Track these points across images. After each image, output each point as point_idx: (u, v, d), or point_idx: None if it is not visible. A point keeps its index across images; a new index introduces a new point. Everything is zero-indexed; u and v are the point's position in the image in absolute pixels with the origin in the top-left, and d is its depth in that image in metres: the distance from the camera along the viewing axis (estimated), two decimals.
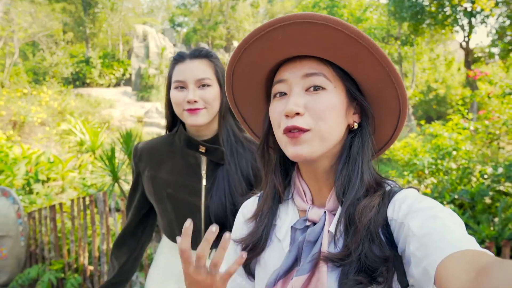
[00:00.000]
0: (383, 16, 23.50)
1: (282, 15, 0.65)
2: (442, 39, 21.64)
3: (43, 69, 19.16)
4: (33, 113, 14.25)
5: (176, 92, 1.27)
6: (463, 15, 15.17)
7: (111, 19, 22.64)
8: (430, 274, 0.53)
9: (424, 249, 0.56)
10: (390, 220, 0.66)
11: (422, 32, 16.45)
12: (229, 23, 31.06)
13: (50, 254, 3.71)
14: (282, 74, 0.72)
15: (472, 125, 5.92)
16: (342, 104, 0.70)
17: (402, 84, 0.70)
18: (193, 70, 1.26)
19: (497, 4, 12.97)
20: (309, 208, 0.75)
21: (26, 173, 6.78)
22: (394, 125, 0.77)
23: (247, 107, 0.84)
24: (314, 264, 0.68)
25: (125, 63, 21.85)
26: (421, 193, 0.68)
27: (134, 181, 1.43)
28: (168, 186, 1.32)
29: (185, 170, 1.33)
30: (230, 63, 0.75)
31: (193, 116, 1.25)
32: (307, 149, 0.68)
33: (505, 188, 4.19)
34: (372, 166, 0.74)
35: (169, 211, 1.33)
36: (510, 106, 5.10)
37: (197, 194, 1.31)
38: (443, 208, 0.62)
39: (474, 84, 13.44)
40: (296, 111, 0.67)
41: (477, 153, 5.73)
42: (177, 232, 1.32)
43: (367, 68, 0.69)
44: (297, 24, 0.64)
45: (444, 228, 0.56)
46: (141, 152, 1.39)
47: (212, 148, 1.31)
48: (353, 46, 0.65)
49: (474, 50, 17.07)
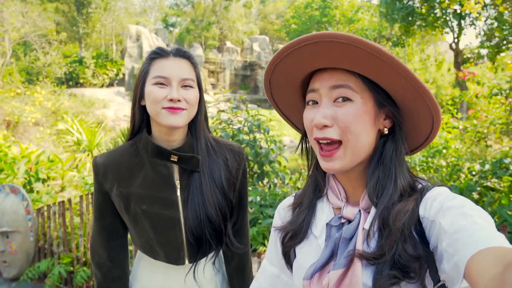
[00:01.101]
0: (374, 17, 23.80)
1: (307, 34, 0.69)
2: (432, 40, 22.03)
3: (36, 69, 19.10)
4: (27, 113, 14.25)
5: (156, 88, 1.14)
6: (452, 17, 15.50)
7: (105, 19, 22.64)
8: (460, 269, 0.55)
9: (455, 245, 0.58)
10: (422, 218, 0.69)
11: (413, 33, 16.74)
12: (222, 23, 31.18)
13: (59, 248, 3.84)
14: (314, 84, 0.75)
15: (461, 124, 6.15)
16: (369, 113, 0.72)
17: (430, 95, 0.70)
18: (178, 68, 1.17)
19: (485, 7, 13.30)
20: (344, 206, 0.78)
21: (26, 172, 6.88)
22: (428, 129, 0.77)
23: (289, 109, 0.88)
24: (350, 260, 0.71)
25: (118, 63, 21.85)
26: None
27: (98, 201, 1.27)
28: (142, 203, 1.20)
29: (157, 182, 1.21)
30: (265, 74, 0.80)
31: (173, 116, 1.13)
32: (338, 165, 0.73)
33: (492, 184, 4.40)
34: (407, 168, 0.76)
35: (147, 230, 1.21)
36: (497, 106, 5.33)
37: (173, 206, 1.22)
38: (473, 206, 0.64)
39: (464, 85, 13.77)
40: (324, 124, 0.71)
41: (466, 151, 5.96)
42: (158, 249, 1.24)
43: (392, 81, 0.70)
44: (321, 43, 0.68)
45: (474, 225, 0.59)
46: (105, 168, 1.22)
47: (186, 157, 1.21)
48: (376, 62, 0.67)
49: (463, 51, 17.42)
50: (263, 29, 37.14)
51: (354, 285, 0.69)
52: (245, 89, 26.94)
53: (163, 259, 1.24)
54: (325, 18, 28.82)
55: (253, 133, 4.46)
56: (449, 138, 6.04)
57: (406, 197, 0.72)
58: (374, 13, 25.73)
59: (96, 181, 1.25)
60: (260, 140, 4.50)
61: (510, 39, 13.72)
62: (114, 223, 1.28)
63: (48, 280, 3.60)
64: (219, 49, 29.55)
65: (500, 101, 5.33)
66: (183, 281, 1.27)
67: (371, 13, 27.48)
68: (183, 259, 1.25)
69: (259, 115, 4.64)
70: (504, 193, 4.09)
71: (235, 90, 25.67)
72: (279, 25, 36.18)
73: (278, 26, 35.89)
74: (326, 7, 28.96)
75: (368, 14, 28.34)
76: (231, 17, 31.13)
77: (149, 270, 1.31)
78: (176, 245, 1.23)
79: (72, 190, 6.85)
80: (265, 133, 4.45)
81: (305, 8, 30.23)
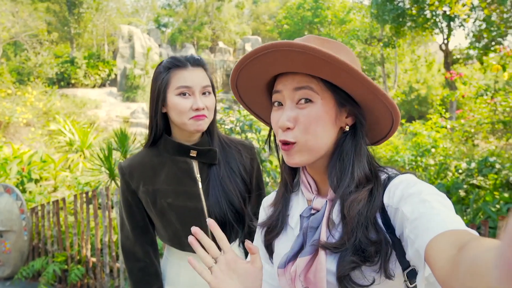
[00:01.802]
0: (366, 18, 23.98)
1: (267, 43, 0.72)
2: (423, 41, 22.27)
3: (27, 69, 18.96)
4: (18, 114, 14.16)
5: (180, 99, 1.23)
6: (442, 18, 15.69)
7: (96, 19, 22.53)
8: (420, 254, 0.58)
9: (415, 232, 0.61)
10: (386, 206, 0.72)
11: (404, 34, 16.90)
12: (214, 24, 31.18)
13: (53, 247, 3.89)
14: (277, 85, 0.79)
15: (449, 124, 6.28)
16: (330, 113, 0.77)
17: (387, 97, 0.74)
18: (197, 77, 1.25)
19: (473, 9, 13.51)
20: (314, 198, 0.82)
21: (18, 172, 6.87)
22: (389, 125, 0.82)
23: (259, 108, 0.93)
24: (316, 248, 0.74)
25: (110, 64, 21.75)
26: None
27: (127, 201, 1.36)
28: (167, 197, 1.30)
29: (180, 177, 1.32)
30: (231, 80, 0.84)
31: (198, 122, 1.25)
32: (298, 159, 0.77)
33: (478, 182, 4.52)
34: (369, 160, 0.80)
35: (174, 221, 1.31)
36: (483, 106, 5.46)
37: (196, 198, 1.31)
38: (432, 191, 0.67)
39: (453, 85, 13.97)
40: (287, 126, 0.75)
41: (454, 150, 6.09)
42: (185, 239, 1.30)
43: (349, 85, 0.75)
44: (280, 51, 0.71)
45: (432, 211, 0.61)
46: (130, 169, 1.34)
47: (204, 151, 1.32)
48: (331, 68, 0.71)
49: (453, 52, 17.65)
50: (256, 29, 37.21)
51: (319, 271, 0.73)
52: None
53: (191, 249, 1.32)
54: (317, 18, 28.98)
55: (245, 132, 4.52)
56: (437, 137, 6.18)
57: (361, 187, 0.75)
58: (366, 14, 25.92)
59: (123, 183, 1.35)
60: (252, 140, 4.57)
61: (498, 40, 13.95)
62: (144, 219, 1.38)
63: (42, 278, 3.64)
64: (211, 49, 29.55)
65: (486, 101, 5.46)
66: None
67: (363, 14, 27.68)
68: None
69: (251, 115, 4.71)
70: (489, 190, 4.21)
71: (227, 91, 25.72)
72: (271, 25, 36.28)
73: (271, 27, 35.99)
74: (318, 8, 29.12)
75: (360, 15, 28.51)
76: (223, 17, 31.15)
77: (177, 266, 1.38)
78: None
79: (65, 190, 6.86)
80: (257, 132, 4.52)
81: (297, 8, 30.37)
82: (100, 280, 3.58)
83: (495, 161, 4.54)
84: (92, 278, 3.64)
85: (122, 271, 3.42)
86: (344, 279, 0.70)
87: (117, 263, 3.50)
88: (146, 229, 1.39)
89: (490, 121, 5.34)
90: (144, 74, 21.75)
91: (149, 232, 1.41)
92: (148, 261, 1.40)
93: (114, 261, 3.49)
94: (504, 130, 5.46)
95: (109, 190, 3.45)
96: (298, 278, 0.75)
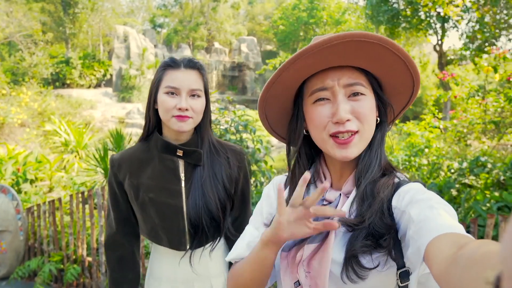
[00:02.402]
0: (361, 19, 24.10)
1: (336, 34, 0.73)
2: (417, 42, 22.40)
3: (22, 69, 18.87)
4: (13, 114, 14.11)
5: (167, 97, 1.29)
6: (436, 20, 15.83)
7: (92, 20, 22.49)
8: (421, 252, 0.62)
9: (420, 232, 0.64)
10: (394, 208, 0.76)
11: (398, 35, 17.02)
12: (210, 24, 31.21)
13: (49, 247, 3.90)
14: (325, 82, 0.80)
15: (442, 124, 6.36)
16: (374, 105, 0.83)
17: (419, 88, 0.84)
18: (187, 79, 1.30)
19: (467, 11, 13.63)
20: (328, 190, 0.85)
21: (13, 173, 6.87)
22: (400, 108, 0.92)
23: (275, 111, 0.93)
24: (324, 236, 0.77)
25: (105, 64, 21.72)
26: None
27: (113, 192, 1.43)
28: (149, 191, 1.35)
29: (164, 174, 1.36)
30: (279, 70, 0.81)
31: (180, 123, 1.29)
32: (356, 152, 0.80)
33: (470, 181, 4.59)
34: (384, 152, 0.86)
35: (153, 216, 1.35)
36: (474, 106, 5.54)
37: (178, 196, 1.35)
38: (440, 201, 0.71)
39: (447, 85, 14.08)
40: (347, 118, 0.77)
41: (447, 150, 6.16)
42: (162, 235, 1.36)
43: (399, 75, 0.82)
44: (354, 42, 0.74)
45: (437, 216, 0.65)
46: (119, 162, 1.40)
47: (189, 151, 1.35)
48: (392, 58, 0.77)
49: (447, 52, 17.79)
50: (251, 30, 37.27)
51: (325, 259, 0.74)
52: (233, 90, 27.03)
53: (166, 244, 1.37)
54: (313, 19, 29.09)
55: (240, 133, 4.57)
56: (430, 137, 6.25)
57: (388, 173, 0.83)
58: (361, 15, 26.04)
59: (111, 174, 1.41)
60: (247, 140, 4.61)
61: (491, 41, 14.09)
62: (128, 210, 1.44)
63: (38, 278, 3.66)
64: (207, 50, 29.57)
65: (478, 101, 5.53)
66: (191, 270, 1.38)
67: (358, 15, 27.80)
68: (184, 245, 1.37)
69: (246, 115, 4.75)
70: (480, 189, 4.28)
71: (223, 91, 25.74)
72: (267, 26, 36.36)
73: (266, 27, 36.06)
74: (314, 9, 29.24)
75: (355, 15, 28.66)
76: (219, 18, 31.19)
77: (160, 262, 1.44)
78: (178, 232, 1.35)
79: (60, 190, 6.87)
80: (252, 133, 4.56)
81: (293, 9, 30.47)
82: (96, 280, 3.60)
83: (487, 161, 4.61)
84: (88, 278, 3.67)
85: None
86: (353, 259, 0.73)
87: None
88: (129, 220, 1.45)
89: (482, 121, 5.41)
90: (139, 74, 21.75)
91: (131, 223, 1.46)
92: (126, 251, 1.46)
93: None
94: (495, 130, 5.54)
95: (105, 190, 3.48)
96: (302, 264, 0.77)
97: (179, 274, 1.40)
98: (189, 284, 1.40)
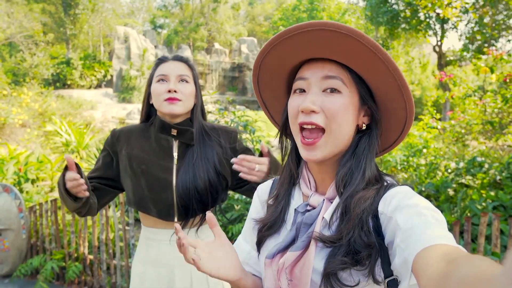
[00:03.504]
0: (360, 20, 24.16)
1: (312, 21, 0.71)
2: (417, 43, 22.46)
3: (23, 70, 18.95)
4: (14, 115, 14.16)
5: (158, 84, 1.42)
6: (435, 21, 15.89)
7: (92, 20, 22.58)
8: (408, 263, 0.59)
9: (407, 241, 0.61)
10: (380, 213, 0.72)
11: (398, 36, 17.09)
12: (210, 25, 31.28)
13: (51, 245, 3.96)
14: (304, 72, 0.78)
15: (439, 125, 6.41)
16: (354, 106, 0.76)
17: (411, 97, 0.75)
18: (175, 67, 1.44)
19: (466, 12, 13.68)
20: (311, 195, 0.82)
21: (15, 173, 6.93)
22: (399, 132, 0.83)
23: (269, 96, 0.91)
24: (307, 244, 0.75)
25: (106, 65, 21.79)
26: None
27: (105, 155, 1.51)
28: (142, 163, 1.44)
29: (158, 151, 1.46)
30: (259, 54, 0.82)
31: (171, 105, 1.40)
32: (320, 155, 0.76)
33: (467, 181, 4.64)
34: (375, 164, 0.80)
35: (143, 187, 1.42)
36: (472, 107, 5.59)
37: (169, 172, 1.43)
38: (428, 206, 0.67)
39: (447, 86, 14.14)
40: (311, 109, 0.74)
41: (445, 151, 6.21)
42: (151, 206, 1.43)
43: (381, 78, 0.74)
44: (324, 31, 0.70)
45: (426, 224, 0.62)
46: (119, 134, 1.51)
47: (183, 130, 1.45)
48: (371, 57, 0.71)
49: (446, 53, 17.85)
50: (251, 31, 37.33)
51: (306, 267, 0.73)
52: (233, 90, 27.08)
53: (155, 214, 1.44)
54: (313, 20, 29.13)
55: (240, 133, 4.62)
56: (429, 138, 6.30)
57: (370, 186, 0.76)
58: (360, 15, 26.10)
59: (110, 142, 1.51)
60: (246, 141, 4.67)
61: (491, 42, 14.15)
62: (106, 172, 1.50)
63: (40, 276, 3.71)
64: (207, 50, 29.61)
65: (475, 102, 5.58)
66: (174, 253, 1.43)
67: (357, 15, 27.86)
68: (172, 217, 1.44)
69: (245, 116, 4.80)
70: (476, 189, 4.33)
71: (223, 92, 25.79)
72: (267, 27, 36.41)
73: (266, 28, 36.11)
74: (314, 10, 29.29)
75: (355, 16, 28.72)
76: (219, 19, 31.26)
77: (145, 245, 1.51)
78: (167, 204, 1.43)
79: None
80: (251, 133, 4.61)
81: (293, 10, 30.53)
82: (97, 277, 3.66)
83: (484, 161, 4.66)
84: (89, 275, 3.73)
85: (119, 268, 3.50)
86: (331, 276, 0.70)
87: (114, 260, 3.58)
88: (103, 173, 1.50)
89: (479, 122, 5.46)
90: (140, 75, 21.82)
91: (103, 186, 1.49)
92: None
93: (111, 258, 3.58)
94: (493, 131, 5.59)
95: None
96: (284, 271, 0.75)
97: (161, 259, 1.46)
98: (171, 269, 1.45)
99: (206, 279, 1.47)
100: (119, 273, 3.50)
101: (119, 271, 3.50)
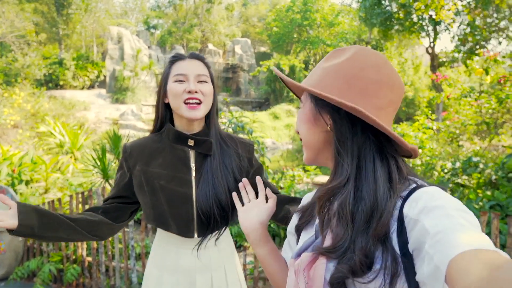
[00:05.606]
0: (354, 21, 24.31)
1: (290, 83, 0.90)
2: (410, 44, 22.66)
3: (15, 70, 18.72)
4: (6, 116, 14.01)
5: (177, 84, 1.35)
6: (428, 22, 16.03)
7: (85, 20, 22.40)
8: (441, 271, 0.53)
9: (437, 247, 0.56)
10: (405, 216, 0.67)
11: (391, 37, 17.20)
12: (204, 26, 31.21)
13: (48, 247, 3.92)
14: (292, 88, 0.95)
15: (435, 125, 6.47)
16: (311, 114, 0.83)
17: (368, 117, 0.71)
18: (194, 66, 1.38)
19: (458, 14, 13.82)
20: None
21: (8, 174, 6.86)
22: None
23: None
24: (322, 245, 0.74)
25: (99, 65, 21.59)
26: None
27: (123, 172, 1.45)
28: (160, 179, 1.38)
29: (175, 163, 1.39)
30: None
31: (192, 111, 1.34)
32: (305, 156, 0.87)
33: (463, 181, 4.68)
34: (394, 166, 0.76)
35: (163, 203, 1.37)
36: (467, 107, 5.65)
37: (188, 184, 1.38)
38: (458, 206, 0.62)
39: (440, 87, 14.26)
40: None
41: (439, 151, 6.27)
42: (171, 221, 1.38)
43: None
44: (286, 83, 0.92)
45: (457, 226, 0.56)
46: (131, 149, 1.43)
47: (200, 140, 1.39)
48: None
49: (439, 55, 18.00)
50: (245, 31, 37.34)
51: (318, 269, 0.72)
52: (227, 91, 27.06)
53: (175, 230, 1.39)
54: (306, 21, 29.22)
55: (237, 134, 4.62)
56: (424, 138, 6.35)
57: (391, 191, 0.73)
58: (354, 17, 26.26)
59: (122, 159, 1.45)
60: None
61: (482, 44, 14.30)
62: (126, 192, 1.44)
63: (38, 278, 3.68)
64: (201, 51, 29.53)
65: (470, 103, 5.64)
66: (194, 259, 1.41)
67: (351, 17, 28.02)
68: (192, 233, 1.40)
69: (243, 117, 4.81)
70: (472, 189, 4.37)
71: (218, 93, 25.73)
72: (261, 28, 36.45)
73: (260, 29, 36.15)
74: (307, 11, 29.36)
75: (348, 18, 28.89)
76: (213, 19, 31.20)
77: (164, 250, 1.45)
78: (186, 219, 1.38)
79: (56, 191, 6.86)
80: (249, 134, 4.62)
81: (287, 11, 30.58)
82: (95, 279, 3.63)
83: (479, 161, 4.71)
84: (87, 277, 3.70)
85: (118, 270, 3.48)
86: (337, 285, 0.68)
87: (112, 262, 3.56)
88: (121, 198, 1.44)
89: (474, 123, 5.52)
90: (133, 76, 21.67)
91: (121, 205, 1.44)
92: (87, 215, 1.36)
93: (110, 260, 3.55)
94: (487, 131, 5.65)
95: (105, 191, 3.51)
96: (302, 272, 0.74)
97: (181, 265, 1.42)
98: (191, 275, 1.42)
99: (226, 284, 1.45)
100: (118, 275, 3.48)
101: (118, 273, 3.48)
